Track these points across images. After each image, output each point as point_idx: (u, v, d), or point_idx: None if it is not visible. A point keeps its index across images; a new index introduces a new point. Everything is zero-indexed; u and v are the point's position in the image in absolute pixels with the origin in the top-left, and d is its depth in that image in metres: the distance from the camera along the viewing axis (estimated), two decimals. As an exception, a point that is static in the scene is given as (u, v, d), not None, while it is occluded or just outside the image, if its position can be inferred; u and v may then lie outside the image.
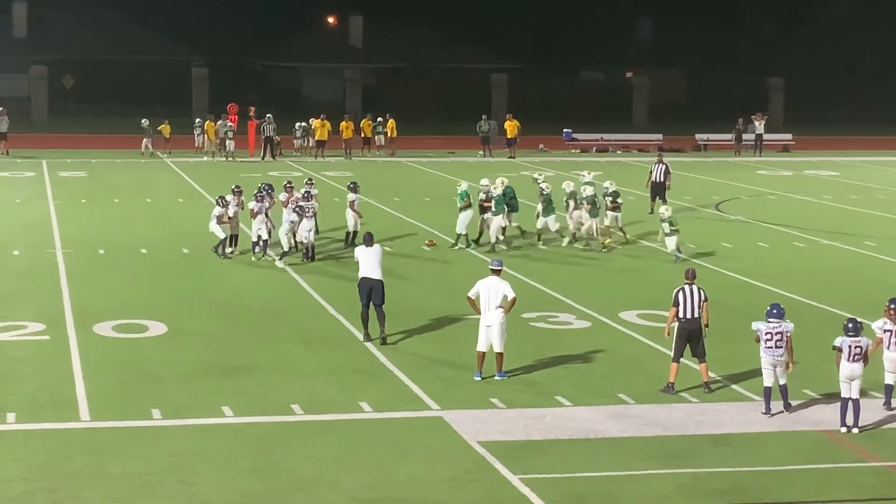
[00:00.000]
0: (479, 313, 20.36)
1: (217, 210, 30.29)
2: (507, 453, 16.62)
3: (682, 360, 19.74)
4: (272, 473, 15.80)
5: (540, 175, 34.98)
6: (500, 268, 20.67)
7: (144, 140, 55.52)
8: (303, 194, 30.85)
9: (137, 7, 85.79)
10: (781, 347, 18.47)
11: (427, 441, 17.17)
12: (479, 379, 20.09)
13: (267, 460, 16.24)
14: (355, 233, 31.50)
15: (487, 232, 32.20)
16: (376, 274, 22.27)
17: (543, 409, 18.64)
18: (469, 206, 31.88)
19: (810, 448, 17.25)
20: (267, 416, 18.09)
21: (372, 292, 22.24)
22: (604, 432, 17.65)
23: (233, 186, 31.80)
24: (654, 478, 15.93)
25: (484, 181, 32.75)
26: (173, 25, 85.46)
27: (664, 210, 31.95)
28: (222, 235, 30.27)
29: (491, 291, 20.17)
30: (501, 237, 31.95)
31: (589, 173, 36.32)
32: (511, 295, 20.21)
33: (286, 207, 30.40)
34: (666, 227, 31.28)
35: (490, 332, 20.12)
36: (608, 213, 33.36)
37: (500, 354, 20.20)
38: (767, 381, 18.63)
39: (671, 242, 31.25)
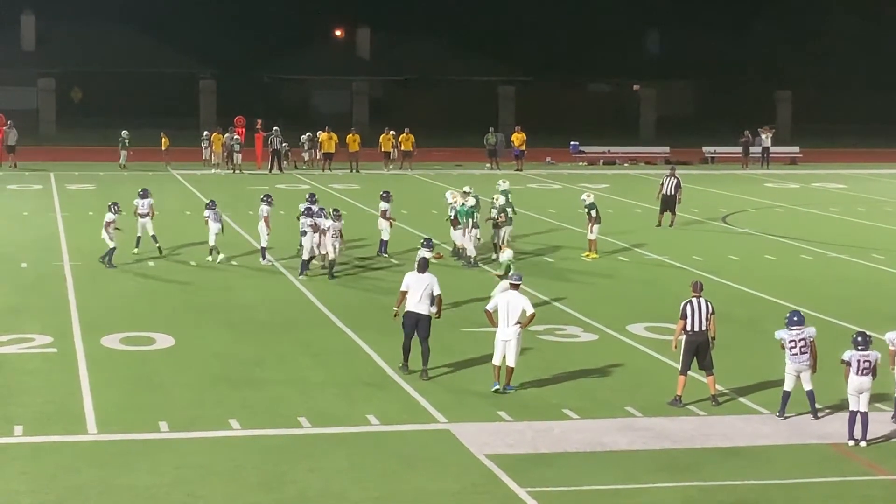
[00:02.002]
0: (495, 327, 20.26)
1: (109, 216, 30.44)
2: (515, 466, 16.60)
3: (689, 372, 19.71)
4: (279, 486, 15.78)
5: (469, 189, 34.41)
6: (519, 282, 20.54)
7: (122, 152, 55.43)
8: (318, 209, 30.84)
9: (145, 20, 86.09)
10: (806, 353, 18.64)
11: (434, 454, 17.14)
12: (497, 388, 19.98)
13: (274, 473, 16.23)
14: (386, 242, 32.69)
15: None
16: (423, 308, 20.72)
17: (551, 422, 18.60)
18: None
19: (818, 461, 17.21)
20: (274, 429, 18.07)
21: (418, 326, 20.76)
22: (611, 445, 17.62)
23: (333, 210, 30.79)
24: (662, 491, 15.90)
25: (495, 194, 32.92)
26: (181, 38, 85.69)
27: (507, 254, 26.29)
28: (111, 244, 30.33)
29: (510, 306, 19.98)
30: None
31: (504, 182, 36.49)
32: (530, 310, 20.10)
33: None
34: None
35: (507, 347, 19.97)
36: (592, 226, 33.20)
37: (512, 369, 20.10)
38: (787, 385, 18.83)
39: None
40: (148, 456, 16.80)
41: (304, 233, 29.69)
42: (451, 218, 32.23)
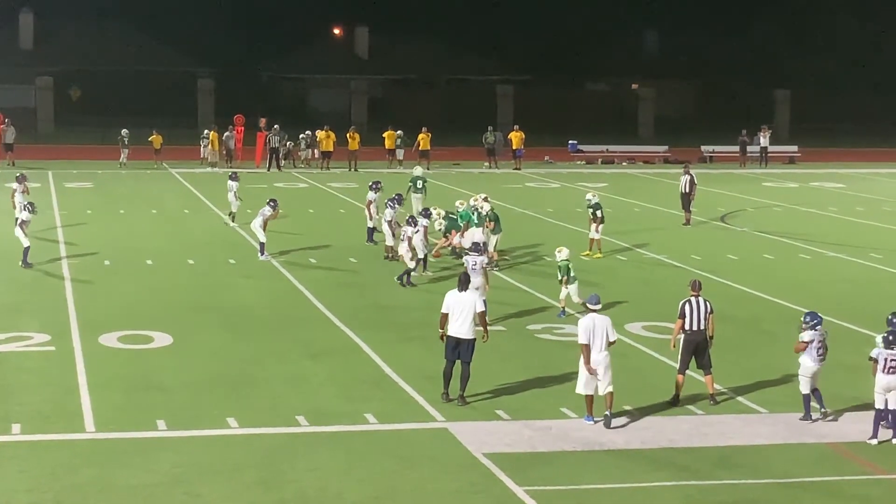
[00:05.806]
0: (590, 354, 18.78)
1: (25, 215, 30.50)
2: (513, 465, 16.59)
3: (687, 372, 19.71)
4: (277, 485, 15.77)
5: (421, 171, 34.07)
6: (598, 305, 19.21)
7: (123, 150, 55.39)
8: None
9: (144, 18, 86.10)
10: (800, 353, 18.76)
11: (433, 453, 17.14)
12: (591, 423, 18.54)
13: (272, 472, 16.22)
14: (373, 229, 33.49)
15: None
16: (465, 331, 19.23)
17: (549, 421, 18.60)
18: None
19: (817, 460, 17.21)
20: (272, 428, 18.07)
21: (459, 350, 19.34)
22: (609, 444, 17.62)
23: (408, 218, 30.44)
24: (661, 490, 15.90)
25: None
26: (180, 37, 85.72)
27: (564, 253, 26.09)
28: (26, 244, 30.20)
29: (597, 331, 18.72)
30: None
31: (418, 168, 36.27)
32: (613, 336, 18.90)
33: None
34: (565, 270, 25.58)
35: (600, 373, 18.63)
36: (597, 226, 33.05)
37: (612, 394, 18.71)
38: (803, 389, 18.85)
39: (573, 291, 25.91)
40: (146, 454, 16.80)
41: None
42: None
